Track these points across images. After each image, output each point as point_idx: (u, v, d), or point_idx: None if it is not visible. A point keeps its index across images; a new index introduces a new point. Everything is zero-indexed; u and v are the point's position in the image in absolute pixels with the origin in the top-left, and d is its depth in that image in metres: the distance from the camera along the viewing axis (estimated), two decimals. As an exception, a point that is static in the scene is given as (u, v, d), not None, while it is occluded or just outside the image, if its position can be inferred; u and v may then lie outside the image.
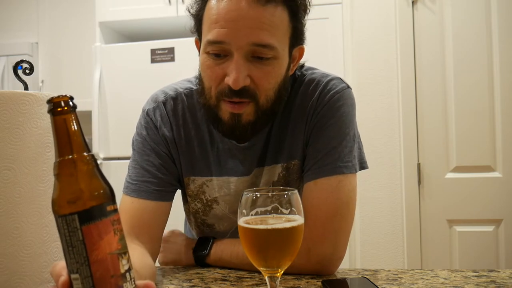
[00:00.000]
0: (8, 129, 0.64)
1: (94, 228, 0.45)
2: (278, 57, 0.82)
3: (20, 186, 0.65)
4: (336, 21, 2.39)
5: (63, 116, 0.46)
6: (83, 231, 0.44)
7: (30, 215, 0.65)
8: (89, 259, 0.44)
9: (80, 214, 0.44)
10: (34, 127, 0.67)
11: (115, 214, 0.47)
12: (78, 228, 0.44)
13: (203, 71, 0.85)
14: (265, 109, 0.84)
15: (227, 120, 0.84)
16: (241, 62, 0.79)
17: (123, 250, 0.46)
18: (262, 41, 0.78)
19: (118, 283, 0.45)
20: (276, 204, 0.60)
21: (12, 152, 0.64)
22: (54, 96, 0.47)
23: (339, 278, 0.82)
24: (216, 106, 0.85)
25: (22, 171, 0.65)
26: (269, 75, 0.82)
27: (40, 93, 0.68)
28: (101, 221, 0.45)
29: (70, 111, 0.47)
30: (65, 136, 0.46)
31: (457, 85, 2.27)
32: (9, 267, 0.64)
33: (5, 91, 0.65)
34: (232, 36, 0.78)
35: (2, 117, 0.64)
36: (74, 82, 3.00)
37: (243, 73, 0.79)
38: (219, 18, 0.79)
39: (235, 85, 0.79)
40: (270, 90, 0.83)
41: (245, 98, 0.82)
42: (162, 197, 0.91)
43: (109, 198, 0.47)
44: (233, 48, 0.79)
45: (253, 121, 0.84)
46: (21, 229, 0.65)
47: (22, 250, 0.65)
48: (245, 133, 0.86)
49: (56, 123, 0.46)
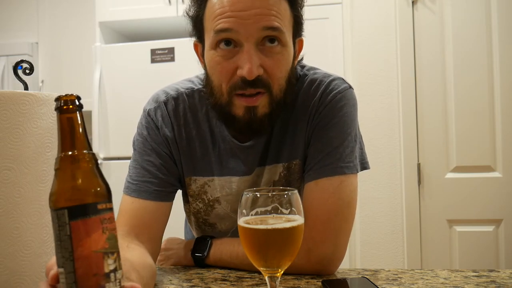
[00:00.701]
0: (8, 129, 0.64)
1: (81, 224, 0.45)
2: (286, 44, 0.82)
3: (20, 186, 0.65)
4: (336, 21, 2.39)
5: (68, 114, 0.48)
6: (71, 226, 0.45)
7: (30, 215, 0.65)
8: (74, 255, 0.45)
9: (70, 209, 0.45)
10: (34, 127, 0.67)
11: (106, 213, 0.47)
12: (67, 223, 0.45)
13: (212, 68, 0.84)
14: (278, 100, 0.84)
15: (242, 115, 0.83)
16: (253, 51, 0.79)
17: (110, 250, 0.46)
18: (272, 25, 0.79)
19: (100, 282, 0.45)
20: (276, 204, 0.60)
21: (12, 152, 0.64)
22: (62, 95, 0.49)
23: (339, 278, 0.82)
24: (229, 103, 0.83)
25: (22, 171, 0.65)
26: (280, 63, 0.82)
27: (40, 93, 0.68)
28: (90, 218, 0.45)
29: (76, 110, 0.49)
30: (68, 133, 0.48)
31: (457, 85, 2.27)
32: (9, 267, 0.64)
33: (5, 91, 0.65)
34: (240, 25, 0.78)
35: (2, 117, 0.64)
36: (74, 82, 3.00)
37: (256, 62, 0.79)
38: (224, 10, 0.79)
39: (249, 75, 0.78)
40: (282, 79, 0.83)
41: (260, 88, 0.81)
42: (162, 197, 0.91)
43: (102, 196, 0.47)
44: (242, 38, 0.79)
45: (269, 113, 0.84)
46: (21, 229, 0.65)
47: (22, 250, 0.65)
48: (262, 126, 0.85)
49: (61, 120, 0.48)
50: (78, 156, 0.47)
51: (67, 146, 0.47)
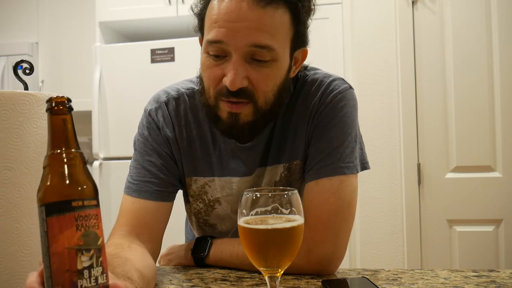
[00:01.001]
0: (8, 129, 0.64)
1: (55, 221, 0.46)
2: (277, 59, 0.81)
3: (20, 186, 0.65)
4: (336, 21, 2.39)
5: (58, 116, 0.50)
6: (47, 223, 0.47)
7: (30, 215, 0.65)
8: (49, 251, 0.46)
9: (46, 206, 0.47)
10: (34, 127, 0.67)
11: (83, 210, 0.48)
12: (44, 219, 0.47)
13: (203, 71, 0.85)
14: (264, 111, 0.84)
15: (225, 119, 0.84)
16: (239, 63, 0.79)
17: (85, 247, 0.47)
18: (261, 43, 0.78)
19: (73, 278, 0.46)
20: (276, 204, 0.60)
21: (12, 152, 0.64)
22: (53, 96, 0.50)
23: (339, 278, 0.82)
24: (215, 105, 0.85)
25: (22, 171, 0.65)
26: (268, 77, 0.82)
27: (40, 93, 0.68)
28: (63, 215, 0.47)
29: (65, 112, 0.50)
30: (56, 133, 0.49)
31: (457, 85, 2.27)
32: (9, 267, 0.64)
33: (5, 91, 0.65)
34: (230, 37, 0.78)
35: (2, 117, 0.64)
36: (74, 82, 3.00)
37: (240, 74, 0.79)
38: (218, 18, 0.79)
39: (232, 86, 0.79)
40: (269, 92, 0.83)
41: (243, 99, 0.81)
42: (163, 198, 0.91)
43: (79, 194, 0.48)
44: (231, 49, 0.79)
45: (252, 121, 0.84)
46: (21, 229, 0.65)
47: (22, 250, 0.65)
48: (242, 133, 0.86)
49: (51, 121, 0.50)
50: (60, 155, 0.49)
51: (52, 145, 0.49)
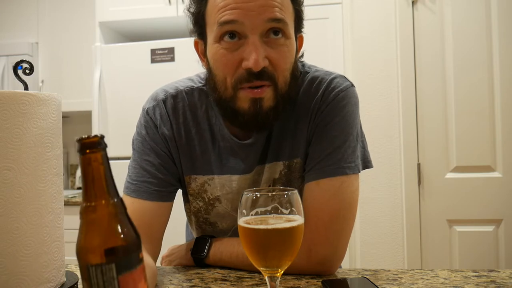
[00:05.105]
0: (8, 129, 0.64)
1: (129, 277, 0.43)
2: (290, 36, 0.83)
3: (20, 186, 0.65)
4: (336, 21, 2.39)
5: (92, 156, 0.43)
6: (119, 281, 0.43)
7: (30, 215, 0.65)
8: None
9: (117, 264, 0.43)
10: (34, 127, 0.66)
11: (143, 260, 0.45)
12: (115, 277, 0.42)
13: (216, 61, 0.83)
14: (283, 93, 0.84)
15: (247, 108, 0.82)
16: (258, 43, 0.79)
17: None
18: (276, 16, 0.79)
19: None
20: (276, 204, 0.60)
21: (12, 152, 0.64)
22: (83, 136, 0.44)
23: (339, 278, 0.82)
24: (233, 97, 0.83)
25: (22, 171, 0.65)
26: (285, 55, 0.83)
27: (40, 93, 0.68)
28: (135, 269, 0.44)
29: (100, 151, 0.44)
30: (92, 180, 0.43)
31: (457, 85, 2.27)
32: (9, 267, 0.64)
33: (5, 91, 0.65)
34: (246, 16, 0.78)
35: (2, 117, 0.64)
36: (74, 82, 3.00)
37: (262, 53, 0.79)
38: (228, 2, 0.79)
39: (256, 66, 0.78)
40: (286, 71, 0.84)
41: (265, 80, 0.81)
42: (162, 198, 0.91)
43: (140, 244, 0.45)
44: (247, 30, 0.79)
45: (274, 106, 0.83)
46: (21, 229, 0.65)
47: (22, 250, 0.65)
48: (267, 119, 0.84)
49: (83, 163, 0.44)
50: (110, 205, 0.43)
51: (92, 193, 0.43)
